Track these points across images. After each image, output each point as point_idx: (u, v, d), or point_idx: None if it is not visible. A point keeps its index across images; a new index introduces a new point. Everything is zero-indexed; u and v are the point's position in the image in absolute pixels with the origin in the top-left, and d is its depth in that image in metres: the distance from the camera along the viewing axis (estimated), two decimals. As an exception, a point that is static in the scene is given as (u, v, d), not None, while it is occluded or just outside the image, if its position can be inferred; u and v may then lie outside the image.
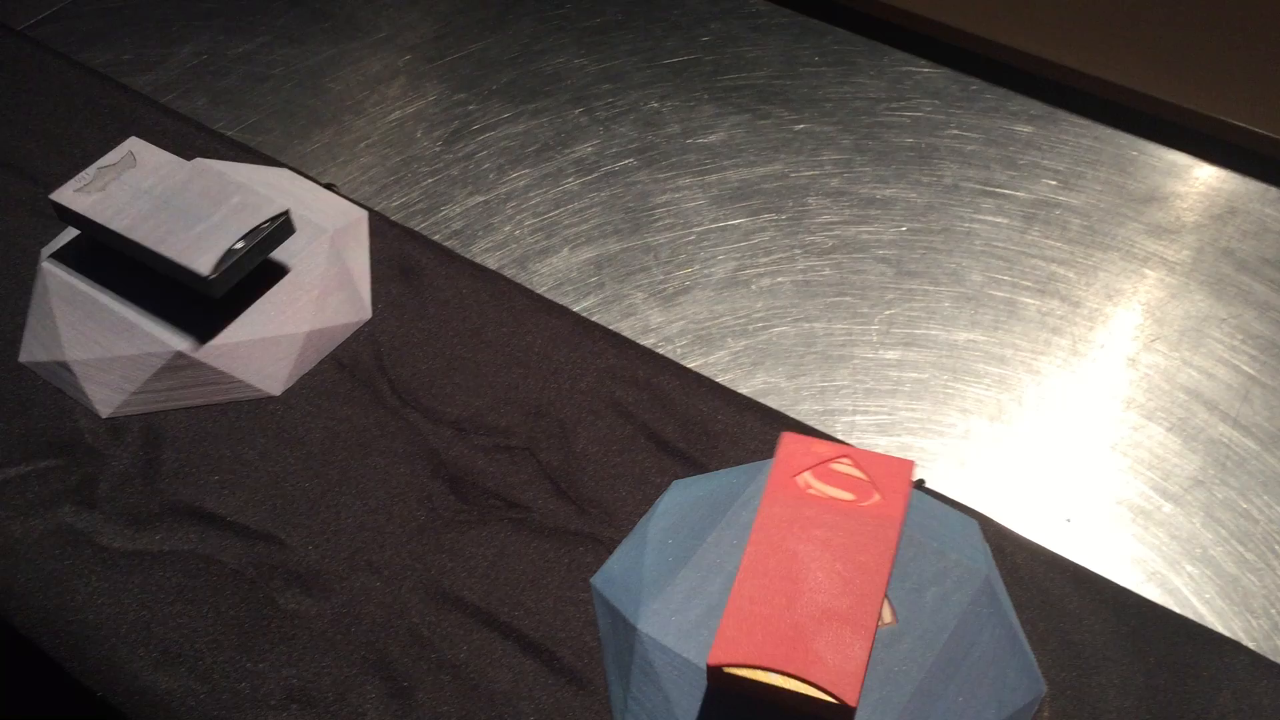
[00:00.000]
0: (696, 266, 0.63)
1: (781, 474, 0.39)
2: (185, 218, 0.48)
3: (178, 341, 0.48)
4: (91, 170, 0.50)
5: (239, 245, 0.47)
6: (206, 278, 0.46)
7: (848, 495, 0.38)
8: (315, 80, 0.75)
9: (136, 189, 0.49)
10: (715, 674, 0.35)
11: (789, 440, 0.40)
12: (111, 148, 0.59)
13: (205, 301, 0.49)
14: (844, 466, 0.39)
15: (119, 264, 0.50)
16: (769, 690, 0.35)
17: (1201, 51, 0.65)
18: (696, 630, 0.38)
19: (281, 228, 0.49)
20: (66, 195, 0.49)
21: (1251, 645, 0.47)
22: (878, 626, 0.37)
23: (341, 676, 0.41)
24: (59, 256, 0.51)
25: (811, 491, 0.38)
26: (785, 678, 0.35)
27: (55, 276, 0.50)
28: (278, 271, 0.51)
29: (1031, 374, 0.57)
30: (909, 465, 0.39)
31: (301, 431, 0.48)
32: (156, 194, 0.49)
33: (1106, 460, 0.54)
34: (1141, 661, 0.40)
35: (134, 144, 0.51)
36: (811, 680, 0.34)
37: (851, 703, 0.34)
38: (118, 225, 0.48)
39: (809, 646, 0.35)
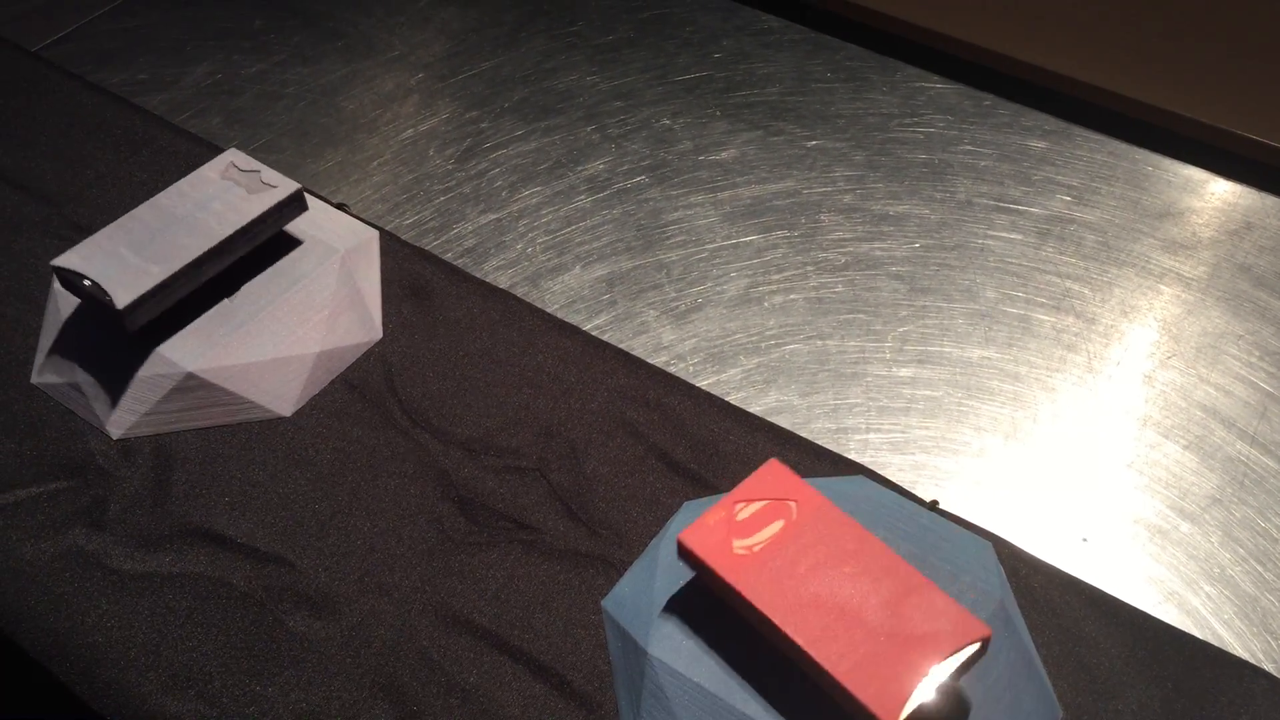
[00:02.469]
0: (709, 284, 0.62)
1: (720, 560, 0.38)
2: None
3: (189, 362, 0.48)
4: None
5: (86, 282, 0.48)
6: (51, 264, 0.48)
7: (778, 524, 0.38)
8: (329, 99, 0.75)
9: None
10: None
11: (690, 534, 0.38)
12: (124, 168, 0.60)
13: (216, 323, 0.49)
14: (745, 509, 0.39)
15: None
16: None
17: (1216, 66, 0.64)
18: (706, 654, 0.38)
19: (116, 316, 0.48)
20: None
21: (1270, 666, 0.46)
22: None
23: (350, 700, 0.41)
24: (71, 278, 0.51)
25: (756, 550, 0.38)
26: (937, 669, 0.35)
27: (67, 298, 0.51)
28: (289, 292, 0.51)
29: (1046, 391, 0.56)
30: (773, 460, 0.39)
31: (312, 452, 0.48)
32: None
33: (1123, 479, 0.53)
34: (1159, 686, 0.39)
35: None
36: (949, 651, 0.35)
37: (985, 632, 0.35)
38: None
39: (917, 636, 0.35)
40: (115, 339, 0.49)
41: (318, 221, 0.54)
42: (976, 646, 0.35)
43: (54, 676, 0.42)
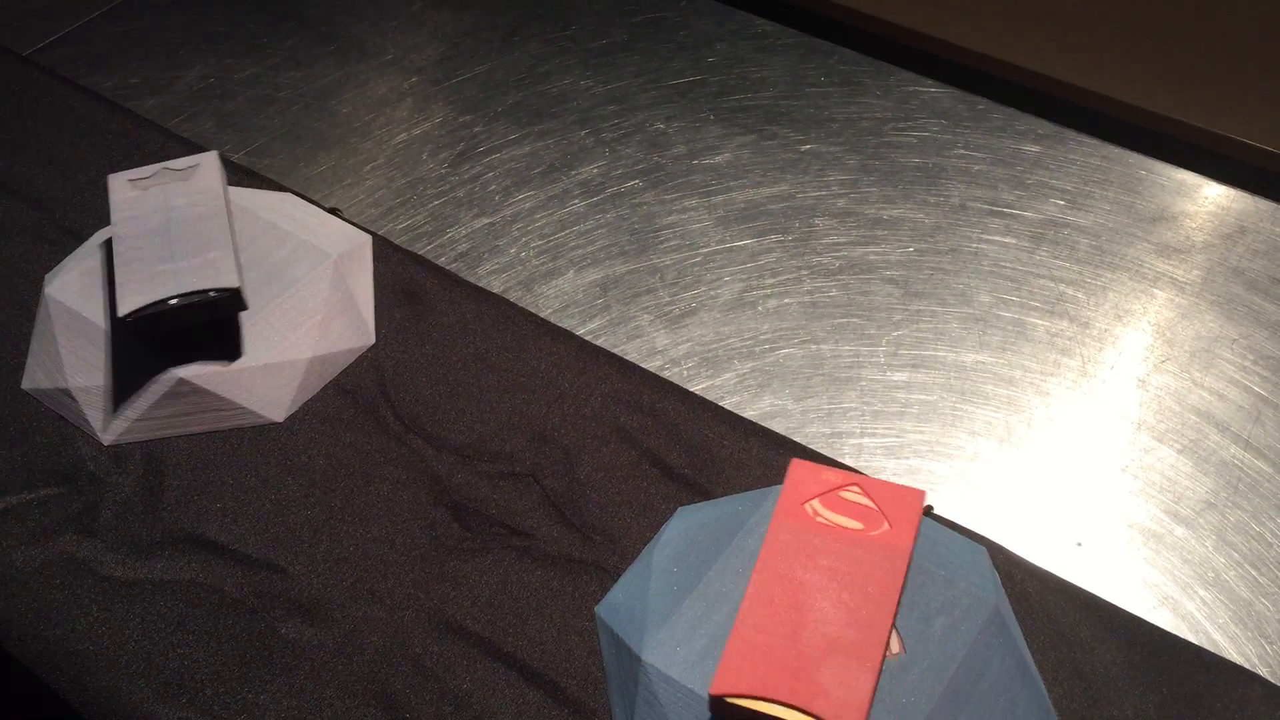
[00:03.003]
0: (703, 288, 0.62)
1: (790, 501, 0.38)
2: (160, 253, 0.47)
3: (181, 368, 0.48)
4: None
5: (172, 300, 0.46)
6: (122, 318, 0.45)
7: (856, 524, 0.38)
8: (322, 103, 0.75)
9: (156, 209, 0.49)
10: (717, 703, 0.35)
11: (798, 467, 0.39)
12: (116, 173, 0.59)
13: (209, 329, 0.49)
14: (853, 495, 0.39)
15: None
16: None
17: (1210, 69, 0.64)
18: (701, 661, 0.38)
19: (229, 301, 0.47)
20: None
21: (1265, 671, 0.46)
22: (885, 658, 0.36)
23: (343, 707, 0.40)
24: (62, 283, 0.51)
25: (820, 520, 0.38)
26: (788, 709, 0.34)
27: (58, 303, 0.50)
28: (281, 297, 0.50)
29: (1041, 396, 0.56)
30: (920, 495, 0.39)
31: (304, 458, 0.48)
32: (163, 219, 0.49)
33: (1117, 483, 0.53)
34: (1154, 692, 0.39)
35: (207, 158, 0.52)
36: (814, 713, 0.34)
37: None
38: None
39: (813, 678, 0.34)
40: (108, 344, 0.49)
41: (310, 226, 0.54)
42: None
43: (44, 684, 0.42)
